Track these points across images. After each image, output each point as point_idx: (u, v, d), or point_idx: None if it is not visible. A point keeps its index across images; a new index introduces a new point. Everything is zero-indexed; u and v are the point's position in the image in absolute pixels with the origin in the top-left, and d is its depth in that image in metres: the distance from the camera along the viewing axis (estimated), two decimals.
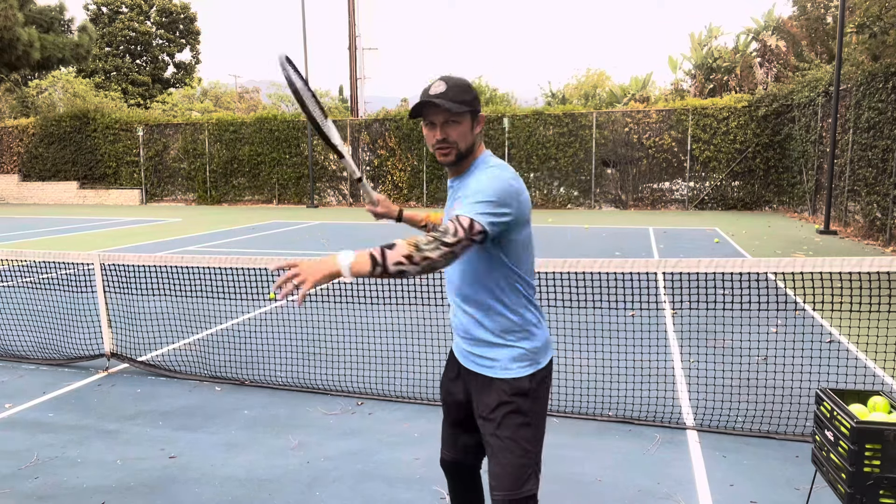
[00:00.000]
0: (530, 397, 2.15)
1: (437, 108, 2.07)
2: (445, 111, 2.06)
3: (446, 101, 2.05)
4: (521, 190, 2.07)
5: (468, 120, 2.11)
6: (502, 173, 2.06)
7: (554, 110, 23.74)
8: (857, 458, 2.40)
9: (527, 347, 2.15)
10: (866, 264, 3.63)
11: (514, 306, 2.14)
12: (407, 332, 5.89)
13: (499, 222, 1.98)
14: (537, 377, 2.17)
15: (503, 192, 2.00)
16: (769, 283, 7.77)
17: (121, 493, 3.37)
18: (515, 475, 2.13)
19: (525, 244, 2.13)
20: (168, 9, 45.10)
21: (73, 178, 28.51)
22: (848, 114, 14.67)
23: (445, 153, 2.12)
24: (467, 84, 2.13)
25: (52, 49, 24.88)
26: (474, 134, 2.14)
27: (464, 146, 2.11)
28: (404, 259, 1.86)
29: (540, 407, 2.19)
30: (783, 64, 27.52)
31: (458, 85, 2.10)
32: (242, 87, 56.24)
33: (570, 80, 46.26)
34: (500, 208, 1.98)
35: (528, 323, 2.16)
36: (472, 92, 2.12)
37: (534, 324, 2.17)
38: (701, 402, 4.40)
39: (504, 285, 2.12)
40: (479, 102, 2.15)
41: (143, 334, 5.95)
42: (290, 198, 26.13)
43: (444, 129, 2.09)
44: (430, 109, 2.09)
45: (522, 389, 2.13)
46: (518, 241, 2.10)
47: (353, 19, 28.94)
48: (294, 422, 4.27)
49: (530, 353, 2.15)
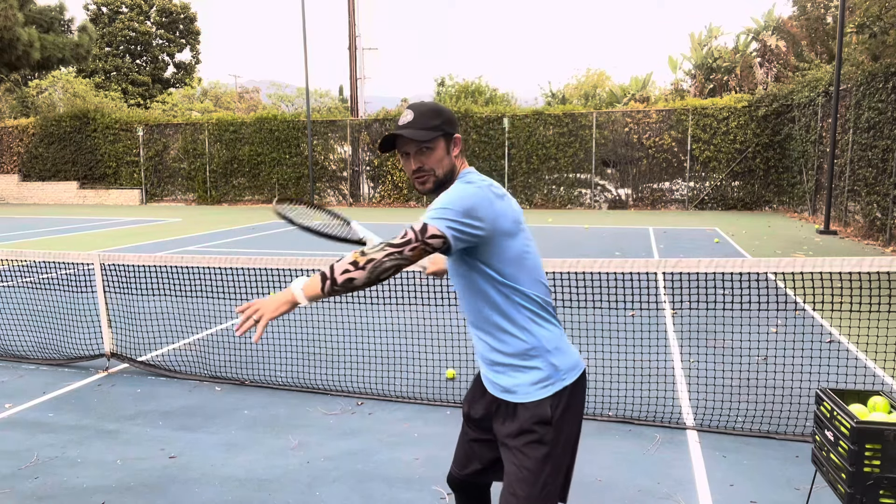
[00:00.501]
0: (553, 426, 2.02)
1: (404, 140, 2.03)
2: (414, 141, 2.02)
3: (411, 131, 2.01)
4: (494, 199, 1.97)
5: (441, 144, 2.05)
6: (470, 184, 1.99)
7: (554, 110, 23.73)
8: (857, 458, 2.40)
9: (542, 367, 2.03)
10: (866, 264, 3.63)
11: (521, 325, 2.03)
12: (407, 332, 5.90)
13: (464, 231, 1.89)
14: (561, 403, 2.04)
15: (469, 201, 1.91)
16: (769, 283, 7.77)
17: (121, 493, 3.37)
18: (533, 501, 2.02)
19: (517, 258, 2.01)
20: (168, 9, 45.09)
21: (73, 178, 28.52)
22: (848, 114, 14.67)
23: (423, 181, 2.08)
24: (435, 108, 2.07)
25: (52, 49, 24.86)
26: (451, 157, 2.08)
27: (441, 172, 2.06)
28: (350, 266, 1.83)
29: (564, 438, 2.06)
30: (783, 64, 27.52)
31: (424, 111, 2.05)
32: (242, 87, 56.23)
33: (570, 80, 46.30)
34: (465, 217, 1.89)
35: (541, 340, 2.04)
36: (443, 115, 2.06)
37: (548, 339, 2.05)
38: (701, 402, 4.40)
39: (506, 304, 2.02)
40: (452, 124, 2.08)
41: (143, 334, 5.95)
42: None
43: (417, 158, 2.05)
44: (400, 141, 2.05)
45: (545, 418, 2.01)
46: (506, 255, 1.99)
47: (353, 19, 28.95)
48: (294, 422, 4.27)
49: (548, 373, 2.03)
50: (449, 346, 5.38)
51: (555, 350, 2.05)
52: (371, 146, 25.32)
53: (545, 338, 2.04)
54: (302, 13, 23.83)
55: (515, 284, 2.01)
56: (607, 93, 36.64)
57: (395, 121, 24.79)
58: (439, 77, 38.67)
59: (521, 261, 2.02)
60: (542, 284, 2.08)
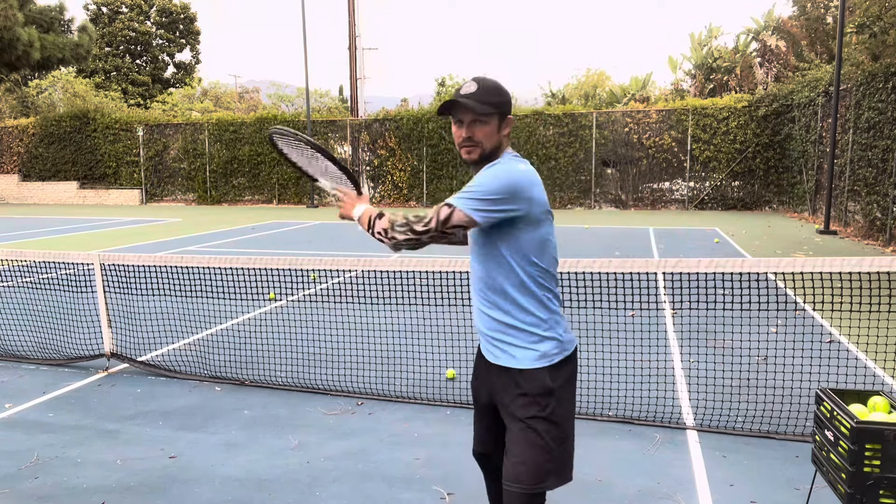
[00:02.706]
0: (555, 396, 2.16)
1: (464, 107, 2.12)
2: (471, 110, 2.11)
3: (472, 102, 2.11)
4: (532, 184, 2.09)
5: (495, 121, 2.15)
6: (513, 167, 2.10)
7: (554, 110, 23.73)
8: (857, 458, 2.40)
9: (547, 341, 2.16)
10: (866, 264, 3.63)
11: (536, 299, 2.16)
12: (407, 332, 5.90)
13: (496, 211, 2.04)
14: (560, 375, 2.17)
15: (510, 183, 2.04)
16: (769, 283, 7.77)
17: (121, 493, 3.37)
18: (534, 471, 2.13)
19: (542, 242, 2.14)
20: (168, 9, 45.08)
21: (73, 178, 28.52)
22: (848, 114, 14.67)
23: (469, 151, 2.17)
24: (498, 86, 2.17)
25: (52, 49, 24.86)
26: (500, 135, 2.18)
27: (488, 146, 2.16)
28: (382, 231, 2.15)
29: (564, 409, 2.19)
30: (783, 64, 27.51)
31: (487, 86, 2.15)
32: (242, 87, 56.20)
33: (570, 80, 46.25)
34: (500, 199, 2.03)
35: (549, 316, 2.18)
36: (503, 95, 2.17)
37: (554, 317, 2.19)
38: (701, 402, 4.40)
39: (524, 277, 2.13)
40: (508, 105, 2.19)
41: (143, 334, 5.95)
42: (290, 198, 26.13)
43: (469, 128, 2.14)
44: (458, 108, 2.14)
45: (548, 388, 2.14)
46: (534, 236, 2.12)
47: (353, 19, 28.95)
48: (294, 422, 4.27)
49: (551, 346, 2.17)
50: (449, 346, 5.38)
51: (558, 326, 2.20)
52: (371, 146, 25.33)
53: (553, 314, 2.19)
54: (302, 13, 23.82)
55: (538, 261, 2.15)
56: (607, 93, 36.61)
57: (394, 120, 24.79)
58: (439, 77, 38.65)
59: (545, 245, 2.16)
60: (556, 269, 2.23)
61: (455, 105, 2.13)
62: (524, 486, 2.13)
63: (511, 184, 2.05)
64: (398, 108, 29.41)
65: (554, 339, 2.17)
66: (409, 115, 24.85)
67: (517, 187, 2.05)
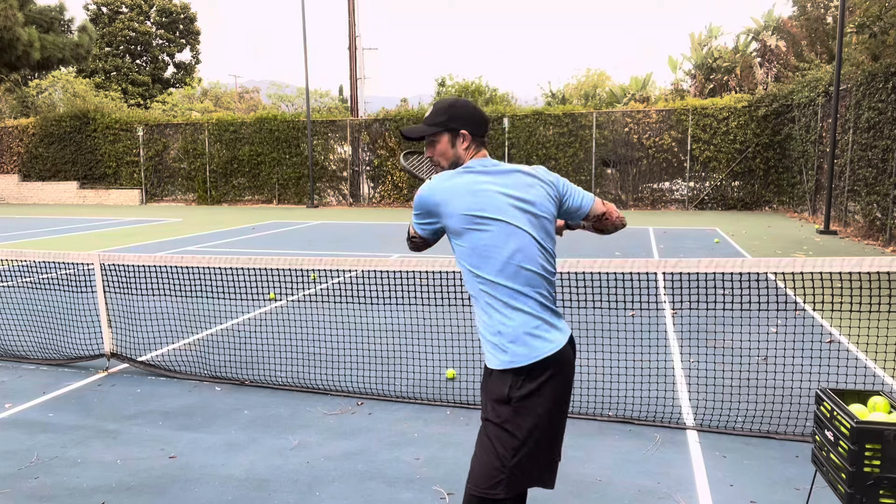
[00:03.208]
0: (512, 407, 2.11)
1: (415, 132, 2.34)
2: (419, 132, 2.33)
3: (420, 125, 2.33)
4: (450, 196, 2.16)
5: (445, 138, 2.29)
6: (428, 184, 2.24)
7: (554, 110, 23.73)
8: (857, 458, 2.40)
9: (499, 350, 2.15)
10: (866, 264, 3.63)
11: (482, 308, 2.19)
12: (407, 332, 5.90)
13: (425, 225, 2.26)
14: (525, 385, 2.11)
15: (421, 199, 2.23)
16: (769, 283, 7.77)
17: (121, 493, 3.37)
18: (486, 474, 2.12)
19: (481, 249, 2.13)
20: (168, 9, 45.08)
21: (73, 178, 28.52)
22: (848, 114, 14.67)
23: (436, 169, 2.40)
24: (447, 105, 2.30)
25: (52, 49, 24.85)
26: (457, 150, 2.29)
27: (445, 163, 2.32)
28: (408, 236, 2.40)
29: (523, 421, 2.11)
30: (783, 64, 27.52)
31: (436, 107, 2.32)
32: (242, 87, 56.22)
33: (570, 80, 46.27)
34: (421, 215, 2.25)
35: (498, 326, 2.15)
36: (452, 111, 2.28)
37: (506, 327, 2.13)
38: (701, 402, 4.40)
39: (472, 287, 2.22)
40: (458, 120, 2.27)
41: (143, 334, 5.95)
42: (290, 198, 26.13)
43: (429, 149, 2.37)
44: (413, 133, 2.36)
45: (502, 396, 2.13)
46: (468, 246, 2.16)
47: (353, 19, 28.93)
48: (294, 422, 4.27)
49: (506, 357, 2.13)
50: (449, 346, 5.38)
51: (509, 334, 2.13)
52: (371, 146, 25.33)
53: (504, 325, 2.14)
54: (302, 13, 23.82)
55: (477, 271, 2.17)
56: (607, 93, 36.63)
57: (394, 120, 24.82)
58: (439, 77, 38.63)
59: (486, 252, 2.14)
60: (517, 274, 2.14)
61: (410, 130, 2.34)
62: (475, 486, 2.15)
63: (422, 200, 2.21)
64: (398, 108, 29.40)
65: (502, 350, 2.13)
66: (409, 115, 24.86)
67: (427, 203, 2.20)
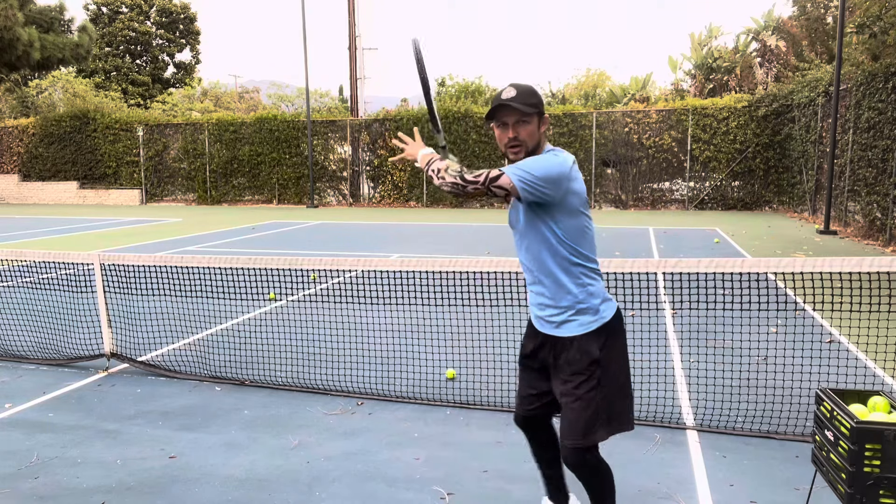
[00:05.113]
0: (601, 363, 2.44)
1: (510, 110, 2.38)
2: (517, 112, 2.38)
3: (517, 104, 2.37)
4: (571, 177, 2.35)
5: (535, 120, 2.43)
6: (553, 156, 2.37)
7: (554, 110, 23.71)
8: (857, 458, 2.40)
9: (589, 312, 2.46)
10: (866, 264, 3.63)
11: (576, 277, 2.46)
12: (407, 332, 5.90)
13: (536, 190, 2.30)
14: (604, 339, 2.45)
15: (552, 170, 2.31)
16: (769, 283, 7.77)
17: (121, 493, 3.37)
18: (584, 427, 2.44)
19: (580, 229, 2.44)
20: (168, 9, 45.07)
21: (73, 178, 28.51)
22: (848, 114, 14.66)
23: (516, 151, 2.43)
24: (533, 89, 2.45)
25: (52, 49, 24.85)
26: (540, 133, 2.46)
27: (531, 144, 2.43)
28: (436, 171, 2.48)
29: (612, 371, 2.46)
30: (783, 64, 27.52)
31: (525, 90, 2.43)
32: (242, 87, 56.17)
33: (570, 80, 46.26)
34: (541, 180, 2.30)
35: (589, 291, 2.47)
36: (538, 96, 2.44)
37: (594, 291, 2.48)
38: (701, 402, 4.40)
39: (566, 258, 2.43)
40: (543, 105, 2.46)
41: (143, 334, 5.95)
42: (290, 198, 26.13)
43: (515, 129, 2.41)
44: (504, 111, 2.40)
45: (593, 355, 2.43)
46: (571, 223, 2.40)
47: (353, 19, 28.93)
48: (294, 422, 4.27)
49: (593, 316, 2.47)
50: (449, 346, 5.38)
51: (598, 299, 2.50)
52: (371, 146, 25.32)
53: (593, 290, 2.49)
54: (302, 13, 23.82)
55: (578, 248, 2.45)
56: (607, 93, 36.62)
57: (394, 120, 24.78)
58: (439, 77, 38.55)
59: (583, 231, 2.46)
60: (594, 252, 2.54)
61: (501, 108, 2.38)
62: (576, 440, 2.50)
63: (562, 169, 2.33)
64: (398, 108, 29.41)
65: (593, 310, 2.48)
66: (409, 115, 24.84)
67: (564, 174, 2.33)
